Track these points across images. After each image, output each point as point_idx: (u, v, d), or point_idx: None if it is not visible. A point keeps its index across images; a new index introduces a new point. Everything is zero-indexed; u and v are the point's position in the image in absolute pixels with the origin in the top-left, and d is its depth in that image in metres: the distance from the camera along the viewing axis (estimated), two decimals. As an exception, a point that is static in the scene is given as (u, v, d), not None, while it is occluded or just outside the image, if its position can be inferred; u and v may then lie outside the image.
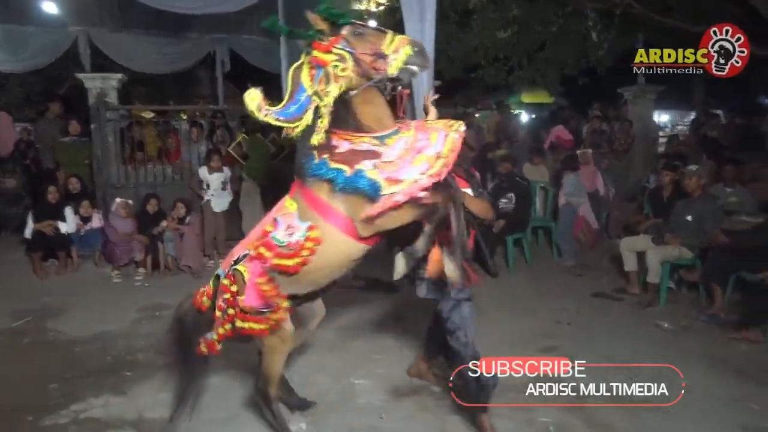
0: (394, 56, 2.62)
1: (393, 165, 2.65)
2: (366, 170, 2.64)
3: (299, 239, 2.76)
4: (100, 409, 3.63)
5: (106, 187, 7.34)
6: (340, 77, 2.64)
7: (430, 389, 3.78)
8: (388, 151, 2.71)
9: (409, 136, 2.76)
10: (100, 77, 7.70)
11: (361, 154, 2.71)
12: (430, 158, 2.66)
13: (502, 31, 9.05)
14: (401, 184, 2.59)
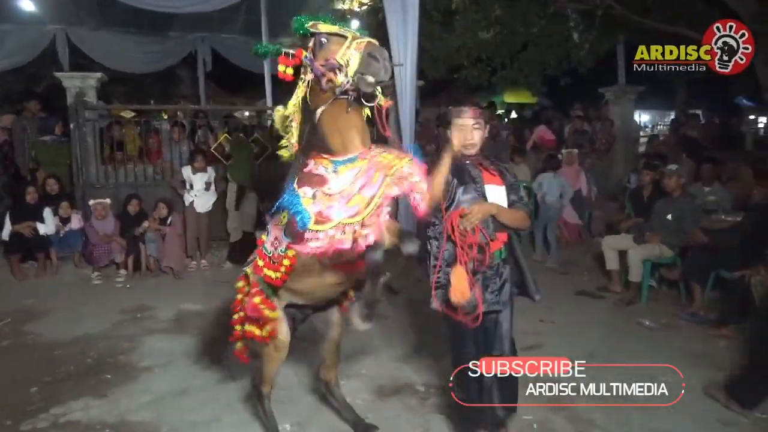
0: (349, 66, 2.34)
1: (330, 199, 2.44)
2: (303, 198, 2.48)
3: (280, 253, 2.72)
4: (81, 412, 3.57)
5: (85, 188, 7.24)
6: (299, 89, 2.55)
7: (415, 389, 3.79)
8: (334, 181, 2.48)
9: (361, 168, 2.48)
10: (80, 76, 7.59)
11: (311, 178, 2.53)
12: (363, 201, 2.40)
13: (484, 31, 9.09)
14: (327, 224, 2.38)
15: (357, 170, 2.48)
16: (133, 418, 3.50)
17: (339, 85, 2.38)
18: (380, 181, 2.43)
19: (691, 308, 5.33)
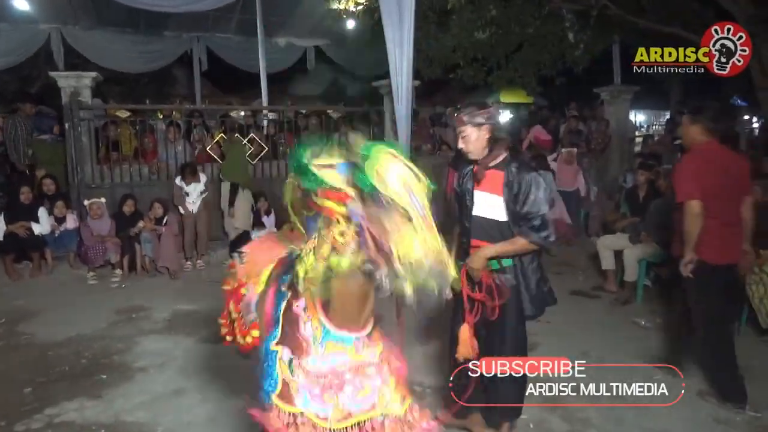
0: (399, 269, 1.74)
1: (306, 378, 2.05)
2: (279, 358, 2.09)
3: (246, 324, 2.56)
4: (75, 412, 3.56)
5: (80, 188, 7.22)
6: (338, 246, 1.91)
7: (411, 388, 3.76)
8: (316, 358, 2.07)
9: (351, 363, 2.09)
10: (74, 76, 7.56)
11: (297, 336, 2.11)
12: (339, 412, 2.03)
13: (480, 31, 9.12)
14: (288, 407, 2.01)
15: (347, 362, 2.08)
16: (128, 419, 3.49)
17: (377, 272, 1.83)
18: (367, 406, 2.06)
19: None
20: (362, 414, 2.06)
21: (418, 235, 1.75)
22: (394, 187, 1.77)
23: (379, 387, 2.11)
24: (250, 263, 2.69)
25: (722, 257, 3.60)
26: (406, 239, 1.75)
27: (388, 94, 7.86)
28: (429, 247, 1.75)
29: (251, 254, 2.75)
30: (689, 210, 3.51)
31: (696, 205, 3.48)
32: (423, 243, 1.75)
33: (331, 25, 11.08)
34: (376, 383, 2.11)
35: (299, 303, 2.14)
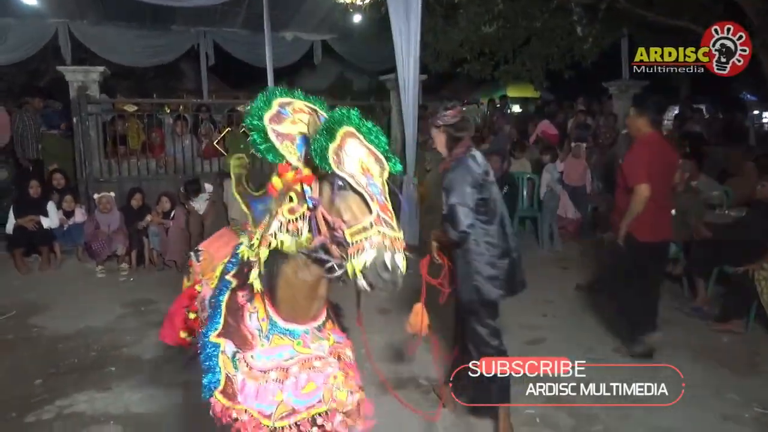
0: (351, 252, 1.69)
1: (249, 375, 1.97)
2: (222, 351, 2.00)
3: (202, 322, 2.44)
4: (85, 404, 3.60)
5: (89, 182, 7.25)
6: (289, 226, 1.84)
7: (417, 382, 3.80)
8: (262, 352, 1.99)
9: (299, 357, 2.02)
10: (82, 70, 7.59)
11: (240, 328, 2.03)
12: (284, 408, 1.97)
13: (487, 25, 9.07)
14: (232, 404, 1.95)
15: (294, 356, 2.01)
16: (137, 410, 3.53)
17: (327, 256, 1.80)
18: (311, 402, 2.00)
19: (694, 303, 5.32)
20: (307, 411, 2.00)
21: (373, 219, 1.70)
22: (350, 170, 1.73)
23: (327, 381, 2.04)
24: (207, 260, 2.64)
25: (654, 236, 4.08)
26: (360, 224, 1.70)
27: (395, 89, 7.84)
28: (383, 232, 1.69)
29: (208, 250, 2.71)
30: (640, 192, 3.91)
31: (645, 188, 3.91)
32: (377, 227, 1.69)
33: (338, 19, 11.05)
34: (323, 378, 2.04)
35: (245, 293, 2.06)
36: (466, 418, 3.42)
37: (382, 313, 5.14)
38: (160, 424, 3.39)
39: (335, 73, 14.42)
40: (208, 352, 2.00)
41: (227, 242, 2.65)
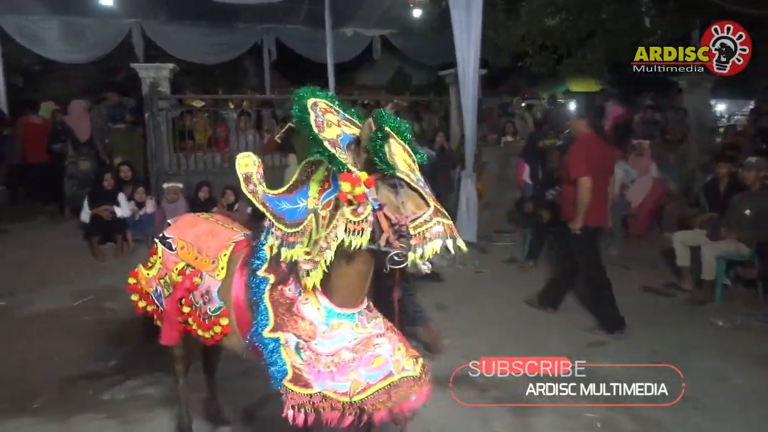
0: (415, 243, 1.94)
1: (316, 360, 2.12)
2: (283, 344, 2.13)
3: (211, 314, 2.50)
4: (153, 386, 3.76)
5: (159, 174, 7.58)
6: (354, 227, 2.00)
7: (474, 381, 3.78)
8: (325, 338, 2.15)
9: (360, 338, 2.20)
10: (154, 67, 7.92)
11: (297, 320, 2.17)
12: (358, 384, 2.12)
13: (550, 18, 8.88)
14: (305, 390, 2.07)
15: (356, 337, 2.18)
16: (199, 395, 3.64)
17: (391, 250, 1.98)
18: (383, 374, 2.16)
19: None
20: (380, 382, 2.15)
21: (431, 211, 1.97)
22: (402, 168, 2.00)
23: (393, 354, 2.22)
24: (187, 249, 2.66)
25: (597, 221, 4.68)
26: (421, 217, 1.96)
27: (455, 84, 7.79)
28: (441, 221, 1.96)
29: (182, 239, 2.70)
30: (583, 185, 4.46)
31: (587, 181, 4.45)
32: (436, 218, 1.95)
33: (398, 14, 11.07)
34: (388, 351, 2.21)
35: (291, 287, 2.20)
36: (522, 417, 3.38)
37: (439, 308, 5.15)
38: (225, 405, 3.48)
39: (394, 68, 14.43)
40: (269, 347, 2.13)
41: (209, 232, 2.69)
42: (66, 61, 11.20)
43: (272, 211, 2.23)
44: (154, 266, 2.78)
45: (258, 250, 2.30)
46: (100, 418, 3.24)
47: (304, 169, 2.27)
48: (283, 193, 2.27)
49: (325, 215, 2.12)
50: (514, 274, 6.35)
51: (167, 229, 2.85)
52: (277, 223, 2.21)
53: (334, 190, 2.11)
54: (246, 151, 7.68)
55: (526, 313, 5.05)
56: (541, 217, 6.47)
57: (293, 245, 2.17)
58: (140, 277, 2.84)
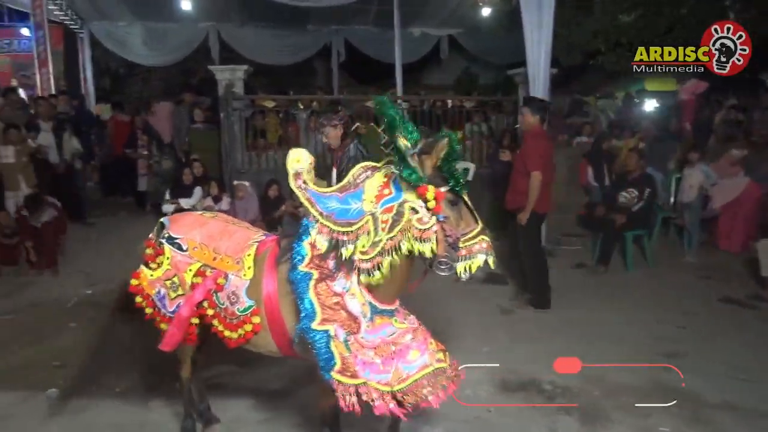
0: (462, 255, 2.21)
1: (362, 352, 2.26)
2: (334, 337, 2.25)
3: (239, 313, 2.53)
4: (227, 376, 3.89)
5: (232, 172, 7.87)
6: (418, 234, 2.19)
7: (541, 387, 3.71)
8: (368, 332, 2.30)
9: (398, 331, 2.35)
10: (229, 69, 8.22)
11: (344, 314, 2.29)
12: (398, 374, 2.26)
13: (625, 14, 8.57)
14: (352, 380, 2.21)
15: (396, 332, 2.34)
16: (268, 387, 3.75)
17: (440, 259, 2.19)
18: (419, 365, 2.30)
19: None
20: (417, 373, 2.28)
21: (479, 228, 2.26)
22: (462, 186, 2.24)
23: (427, 347, 2.36)
24: (201, 250, 2.63)
25: (543, 208, 5.03)
26: (471, 233, 2.24)
27: (524, 83, 7.66)
28: (485, 238, 2.24)
29: (192, 240, 2.66)
30: (536, 177, 4.82)
31: (539, 174, 4.83)
32: (481, 235, 2.24)
33: (466, 13, 10.99)
34: (421, 345, 2.35)
35: (337, 282, 2.30)
36: (590, 425, 3.29)
37: (504, 313, 5.09)
38: (286, 399, 3.59)
39: (461, 67, 14.34)
40: (319, 339, 2.24)
41: (221, 232, 2.68)
42: (148, 63, 11.87)
43: (318, 209, 2.31)
44: (160, 267, 2.71)
45: (297, 246, 2.36)
46: (174, 404, 3.40)
47: (357, 172, 2.38)
48: (333, 192, 2.36)
49: (386, 219, 2.23)
50: (583, 278, 6.18)
51: (171, 228, 2.77)
52: (324, 221, 2.29)
53: (397, 197, 2.25)
54: (315, 150, 7.90)
55: (595, 319, 4.91)
56: (614, 222, 6.28)
57: (346, 244, 2.26)
58: (143, 278, 2.76)
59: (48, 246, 6.19)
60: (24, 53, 12.36)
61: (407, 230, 2.20)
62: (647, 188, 6.39)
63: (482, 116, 9.12)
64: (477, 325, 4.73)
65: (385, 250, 2.21)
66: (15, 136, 6.83)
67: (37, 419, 3.35)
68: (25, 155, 6.91)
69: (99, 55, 11.92)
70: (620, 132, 8.80)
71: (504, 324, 4.80)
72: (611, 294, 5.58)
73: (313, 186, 2.37)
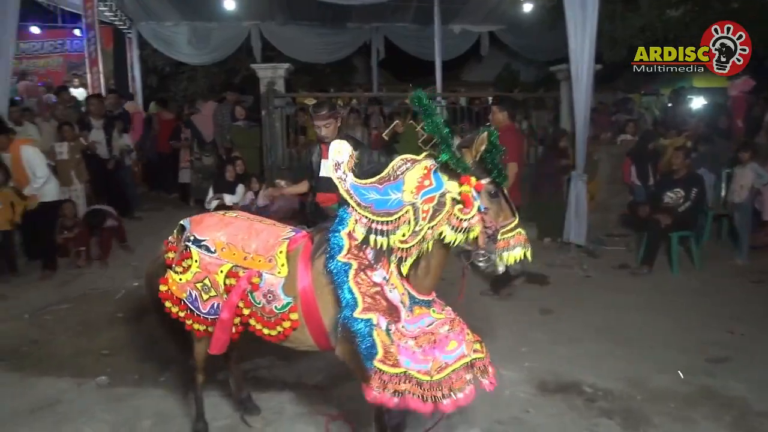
0: (503, 247, 2.29)
1: (403, 340, 2.27)
2: (375, 325, 2.24)
3: (277, 311, 2.52)
4: (266, 370, 3.96)
5: (273, 169, 7.99)
6: (459, 224, 2.26)
7: (581, 389, 3.65)
8: (408, 322, 2.32)
9: (436, 320, 2.37)
10: (271, 67, 8.36)
11: (385, 304, 2.30)
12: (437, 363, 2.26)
13: (673, 9, 8.30)
14: (393, 369, 2.20)
15: (434, 322, 2.36)
16: (308, 381, 3.79)
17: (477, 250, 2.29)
18: (457, 356, 2.30)
19: None
20: (455, 363, 2.29)
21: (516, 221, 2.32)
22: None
23: (464, 338, 2.37)
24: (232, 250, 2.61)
25: (517, 201, 4.73)
26: (509, 225, 2.30)
27: (566, 80, 7.52)
28: (521, 231, 2.31)
29: (217, 240, 2.64)
30: (513, 168, 4.97)
31: (515, 165, 5.06)
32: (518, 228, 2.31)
33: (507, 10, 10.86)
34: (459, 336, 2.36)
35: (377, 273, 2.33)
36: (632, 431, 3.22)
37: (543, 312, 5.02)
38: (325, 393, 3.62)
39: (501, 64, 14.17)
40: (361, 328, 2.24)
41: (247, 230, 2.66)
42: (193, 62, 12.15)
43: (356, 200, 2.35)
44: (189, 270, 2.66)
45: (334, 238, 2.37)
46: (215, 395, 3.49)
47: (397, 164, 2.39)
48: (372, 184, 2.37)
49: (426, 209, 2.27)
50: (626, 280, 6.03)
51: (194, 230, 2.73)
52: (363, 212, 2.33)
53: (438, 188, 2.29)
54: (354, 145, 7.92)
55: (638, 321, 4.79)
56: (659, 222, 6.11)
57: (386, 233, 2.31)
58: (171, 282, 2.71)
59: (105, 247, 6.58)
60: (76, 53, 12.90)
61: (448, 220, 2.26)
62: (694, 188, 6.20)
63: (523, 114, 9.00)
64: (515, 325, 4.68)
65: (425, 240, 2.28)
66: (69, 133, 7.12)
67: (89, 405, 3.48)
68: (77, 152, 7.19)
69: (147, 54, 12.27)
70: (666, 130, 8.56)
71: (543, 324, 4.74)
72: (655, 296, 5.43)
73: (353, 177, 2.41)
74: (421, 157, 2.41)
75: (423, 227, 2.27)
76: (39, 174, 5.87)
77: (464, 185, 2.25)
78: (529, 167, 8.11)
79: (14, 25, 6.37)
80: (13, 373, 3.91)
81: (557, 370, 3.90)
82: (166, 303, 2.72)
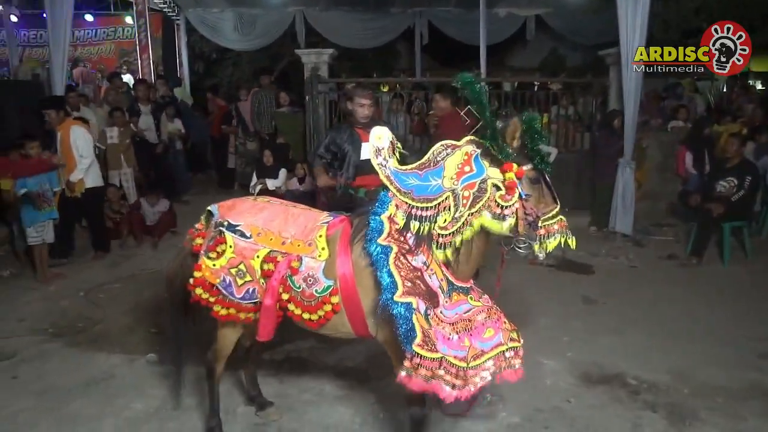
0: (543, 235, 2.30)
1: (441, 326, 2.26)
2: (415, 309, 2.21)
3: (317, 294, 2.50)
4: (307, 351, 4.04)
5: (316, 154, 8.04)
6: (500, 211, 2.28)
7: (625, 381, 3.59)
8: (446, 308, 2.32)
9: (474, 308, 2.38)
10: (315, 53, 8.38)
11: (424, 287, 2.29)
12: (473, 350, 2.28)
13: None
14: (431, 354, 2.19)
15: (472, 309, 2.37)
16: (349, 364, 3.85)
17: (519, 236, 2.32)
18: (494, 343, 2.34)
19: None
20: (492, 350, 2.32)
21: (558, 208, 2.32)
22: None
23: (501, 326, 2.39)
24: (269, 235, 2.59)
25: None
26: (551, 213, 2.29)
27: (615, 64, 7.29)
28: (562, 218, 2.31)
29: (254, 225, 2.62)
30: None
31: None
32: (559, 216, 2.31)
33: (556, -8, 10.57)
34: (496, 324, 2.39)
35: (417, 258, 2.33)
36: (678, 426, 3.15)
37: (586, 302, 4.94)
38: (364, 376, 3.66)
39: (547, 48, 13.82)
40: (401, 311, 2.20)
41: (282, 215, 2.64)
42: (238, 48, 12.30)
43: (396, 186, 2.37)
44: (223, 256, 2.60)
45: (374, 221, 2.36)
46: (260, 374, 3.58)
47: (437, 150, 2.41)
48: (413, 170, 2.39)
49: (467, 195, 2.28)
50: (673, 271, 5.86)
51: (226, 216, 2.68)
52: (403, 197, 2.35)
53: (479, 174, 2.30)
54: (396, 131, 7.94)
55: (685, 314, 4.66)
56: (710, 211, 5.90)
57: (425, 219, 2.32)
58: (204, 269, 2.62)
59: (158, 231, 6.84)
60: (127, 40, 13.26)
61: (489, 207, 2.27)
62: (747, 176, 5.95)
63: (570, 99, 8.78)
64: (557, 314, 4.62)
65: (465, 226, 2.29)
66: (119, 118, 7.36)
67: (139, 380, 3.63)
68: (127, 137, 7.42)
69: (194, 41, 12.50)
70: (721, 116, 8.21)
71: (586, 314, 4.66)
72: (704, 288, 5.26)
73: (394, 163, 2.41)
74: (462, 142, 2.41)
75: (463, 213, 2.27)
76: (84, 154, 5.99)
77: (507, 172, 2.25)
78: (578, 154, 7.95)
79: (70, 13, 6.59)
80: (70, 348, 4.11)
81: (600, 361, 3.84)
82: (196, 290, 2.62)
